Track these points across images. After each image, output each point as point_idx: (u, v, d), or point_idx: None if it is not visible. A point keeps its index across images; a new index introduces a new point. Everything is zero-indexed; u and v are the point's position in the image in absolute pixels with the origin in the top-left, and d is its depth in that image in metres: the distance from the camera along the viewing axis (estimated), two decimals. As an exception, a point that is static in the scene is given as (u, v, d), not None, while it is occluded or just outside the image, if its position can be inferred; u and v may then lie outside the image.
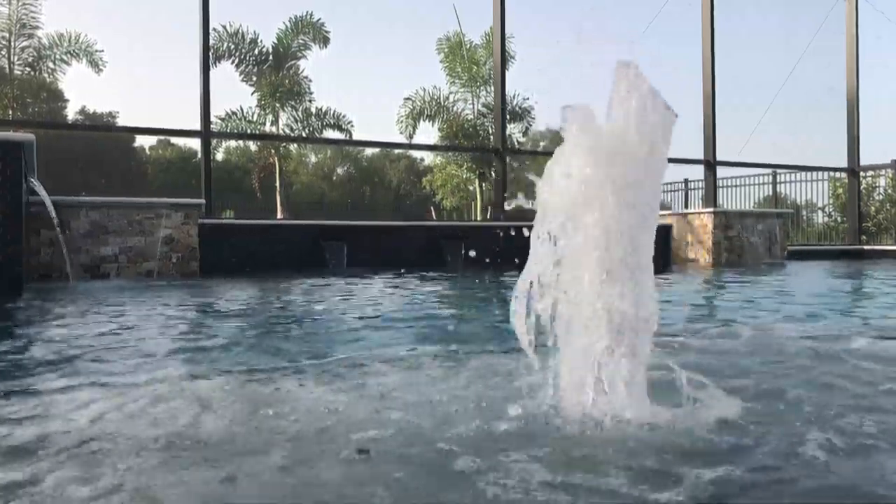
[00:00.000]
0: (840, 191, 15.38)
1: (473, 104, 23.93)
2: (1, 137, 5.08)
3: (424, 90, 24.10)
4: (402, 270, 7.32)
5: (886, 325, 3.69)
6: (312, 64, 25.90)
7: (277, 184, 25.71)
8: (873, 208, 14.69)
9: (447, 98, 24.05)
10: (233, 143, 35.30)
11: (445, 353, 2.54)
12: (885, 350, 2.66)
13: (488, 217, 21.71)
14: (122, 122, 35.80)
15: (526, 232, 1.71)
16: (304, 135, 24.97)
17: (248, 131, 24.28)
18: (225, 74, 23.25)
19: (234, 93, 29.64)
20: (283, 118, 24.60)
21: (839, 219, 15.96)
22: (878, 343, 2.80)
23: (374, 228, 9.67)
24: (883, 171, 14.79)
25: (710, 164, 11.66)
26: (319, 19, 24.54)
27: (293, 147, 29.38)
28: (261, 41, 23.90)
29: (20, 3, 21.69)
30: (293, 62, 24.59)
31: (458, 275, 7.51)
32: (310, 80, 24.83)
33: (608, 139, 1.60)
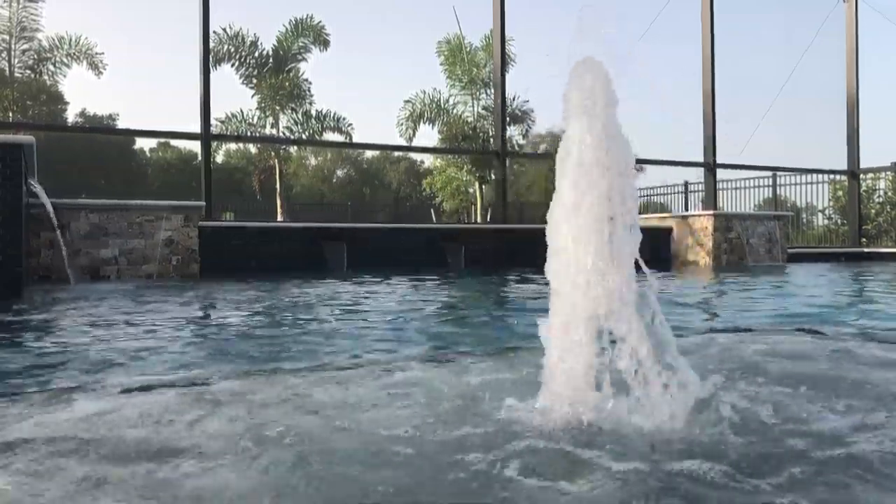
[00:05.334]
0: (840, 193, 15.38)
1: (473, 107, 23.93)
2: (1, 140, 5.09)
3: (424, 92, 24.13)
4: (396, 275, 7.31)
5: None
6: (312, 66, 25.97)
7: (277, 186, 25.72)
8: (873, 210, 14.69)
9: (447, 100, 24.07)
10: (233, 146, 35.36)
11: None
12: None
13: (488, 220, 21.71)
14: (122, 124, 35.88)
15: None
16: (304, 137, 24.98)
17: (249, 134, 24.30)
18: (225, 77, 23.33)
19: (234, 95, 29.69)
20: (284, 121, 24.64)
21: (839, 221, 15.96)
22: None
23: (373, 230, 9.68)
24: (883, 174, 14.79)
25: (710, 166, 11.66)
26: (320, 22, 24.61)
27: (293, 149, 29.40)
28: (261, 44, 23.96)
29: (21, 6, 21.72)
30: (293, 65, 24.62)
31: (457, 276, 7.51)
32: (310, 83, 24.90)
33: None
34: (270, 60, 24.11)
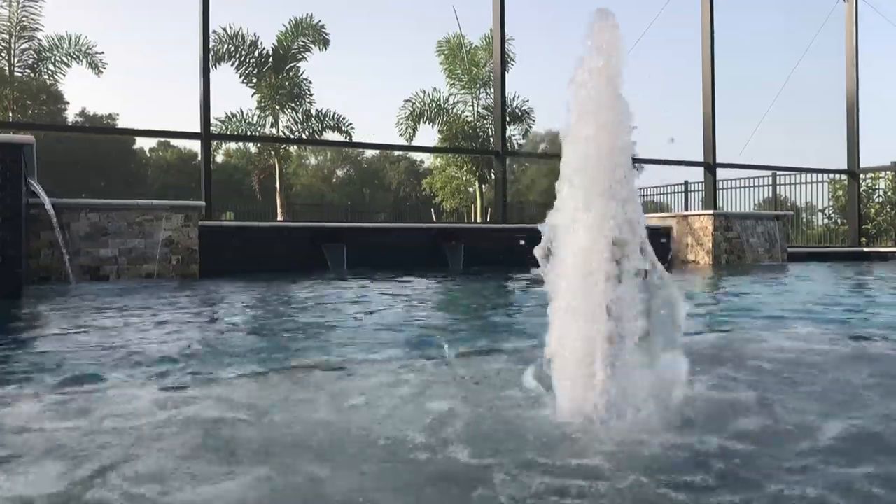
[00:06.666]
0: (840, 193, 15.37)
1: (473, 106, 23.93)
2: (1, 140, 5.09)
3: (424, 92, 24.11)
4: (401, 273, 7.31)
5: None
6: (312, 66, 25.92)
7: (277, 185, 25.70)
8: (873, 210, 14.68)
9: (447, 100, 24.06)
10: (233, 145, 35.36)
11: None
12: None
13: (488, 219, 21.71)
14: (121, 124, 35.88)
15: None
16: (304, 137, 24.96)
17: (248, 133, 24.28)
18: (225, 76, 23.29)
19: (234, 95, 29.73)
20: (283, 120, 24.61)
21: (839, 221, 15.95)
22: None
23: (373, 230, 9.68)
24: (883, 173, 14.79)
25: (710, 166, 11.66)
26: (319, 21, 24.56)
27: (293, 149, 29.37)
28: (261, 43, 23.91)
29: (20, 6, 21.69)
30: (293, 64, 24.59)
31: (457, 277, 7.51)
32: (310, 82, 24.85)
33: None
34: (270, 60, 24.07)
